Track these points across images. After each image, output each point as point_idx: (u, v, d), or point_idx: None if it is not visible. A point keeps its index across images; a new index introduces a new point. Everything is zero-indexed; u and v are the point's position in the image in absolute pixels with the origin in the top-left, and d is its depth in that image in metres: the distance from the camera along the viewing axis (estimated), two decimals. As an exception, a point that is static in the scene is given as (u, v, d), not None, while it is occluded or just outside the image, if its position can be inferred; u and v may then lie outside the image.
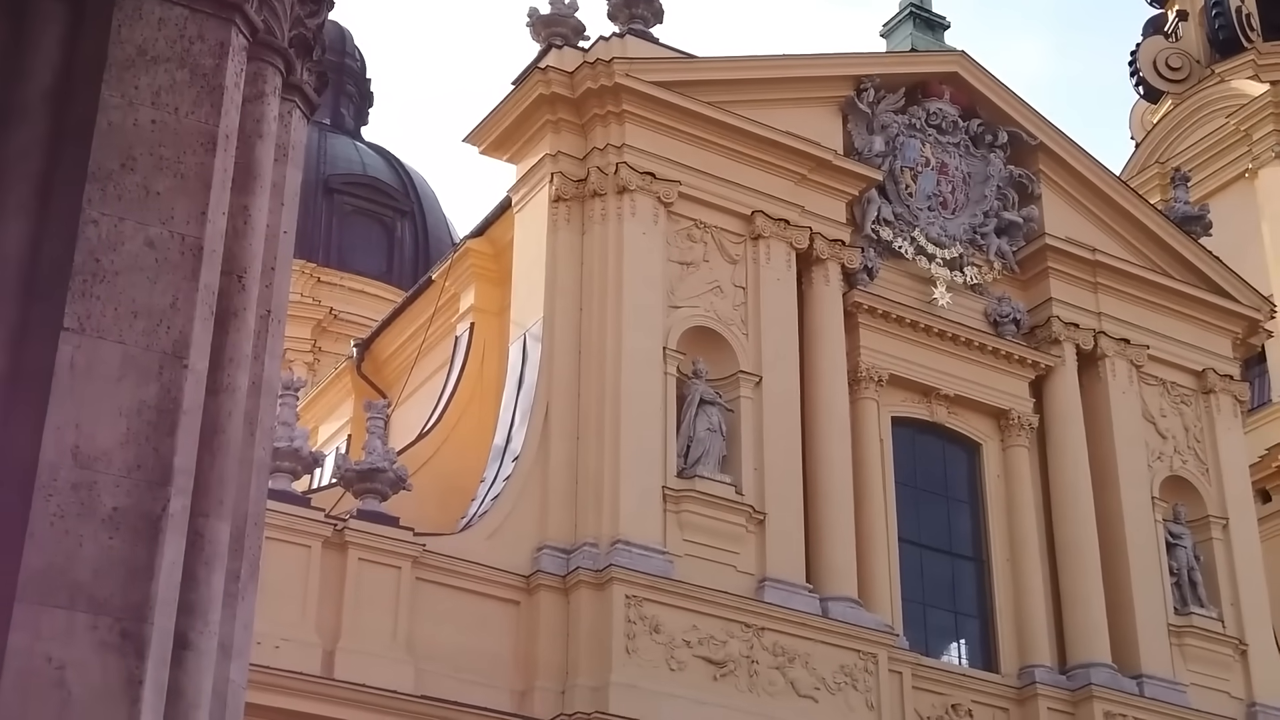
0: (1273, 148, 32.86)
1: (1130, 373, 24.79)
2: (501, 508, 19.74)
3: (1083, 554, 23.11)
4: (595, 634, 18.96)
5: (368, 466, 19.02)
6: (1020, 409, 23.83)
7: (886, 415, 22.95)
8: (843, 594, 20.79)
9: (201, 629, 5.24)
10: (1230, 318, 26.01)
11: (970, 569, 23.19)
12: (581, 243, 21.42)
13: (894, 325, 23.22)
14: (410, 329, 24.69)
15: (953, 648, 22.92)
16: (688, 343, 21.28)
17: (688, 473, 20.48)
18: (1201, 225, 26.76)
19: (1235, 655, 23.73)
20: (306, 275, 37.05)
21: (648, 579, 19.30)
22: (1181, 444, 24.90)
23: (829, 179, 23.03)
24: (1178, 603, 23.64)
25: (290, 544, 17.90)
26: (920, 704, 21.22)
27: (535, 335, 20.98)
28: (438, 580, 18.94)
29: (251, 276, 5.57)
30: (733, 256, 22.08)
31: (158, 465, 5.09)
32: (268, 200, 5.75)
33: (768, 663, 19.82)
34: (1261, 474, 29.16)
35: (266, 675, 16.63)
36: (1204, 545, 24.37)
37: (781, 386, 21.55)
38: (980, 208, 24.64)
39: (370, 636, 18.16)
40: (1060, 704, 22.01)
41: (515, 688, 18.81)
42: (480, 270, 23.15)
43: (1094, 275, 24.88)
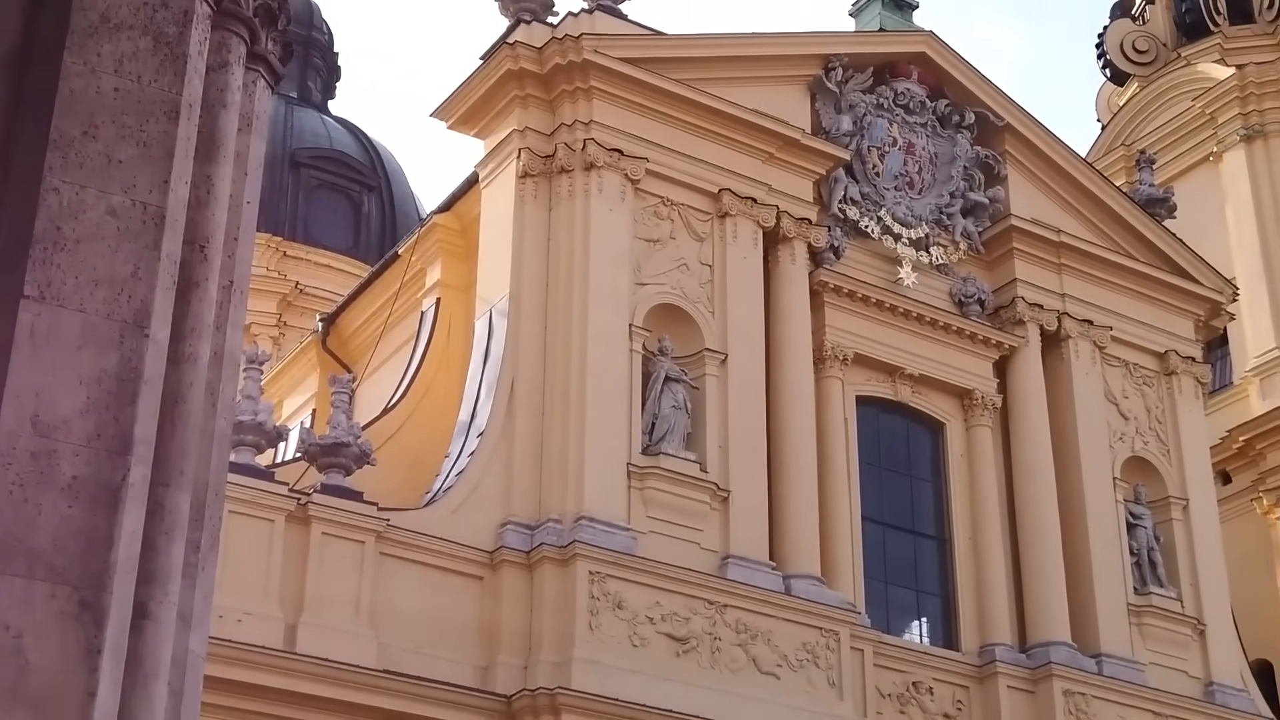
0: (1237, 131, 33.04)
1: (1093, 354, 24.93)
2: (466, 483, 19.73)
3: (1044, 534, 23.26)
4: (559, 610, 18.99)
5: (332, 441, 18.98)
6: (984, 389, 23.94)
7: (851, 394, 23.03)
8: (805, 571, 20.87)
9: (161, 599, 5.23)
10: (1193, 300, 26.18)
11: (932, 548, 23.31)
12: (548, 219, 21.38)
13: (859, 304, 23.28)
14: (376, 304, 24.63)
15: (914, 626, 23.04)
16: (654, 320, 21.29)
17: (652, 450, 20.51)
18: (1166, 208, 26.90)
19: (1193, 635, 23.93)
20: (272, 249, 36.90)
21: (611, 555, 19.33)
22: (1143, 425, 25.06)
23: (796, 158, 23.05)
24: (1137, 582, 23.82)
25: (254, 518, 17.88)
26: (881, 681, 21.34)
27: (501, 311, 20.95)
28: (401, 555, 18.93)
29: (214, 247, 5.55)
30: (699, 234, 22.08)
31: (118, 434, 5.07)
32: (231, 170, 5.72)
33: (730, 639, 19.89)
34: (1222, 455, 29.37)
35: (229, 649, 16.62)
36: (1164, 526, 24.56)
37: (747, 364, 21.59)
38: (946, 188, 24.71)
39: (333, 611, 18.14)
40: (1020, 682, 22.17)
41: (478, 663, 18.83)
42: (447, 245, 23.09)
43: (1058, 256, 24.99)
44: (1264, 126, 32.80)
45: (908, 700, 21.55)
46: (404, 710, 17.92)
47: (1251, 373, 31.12)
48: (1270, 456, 29.96)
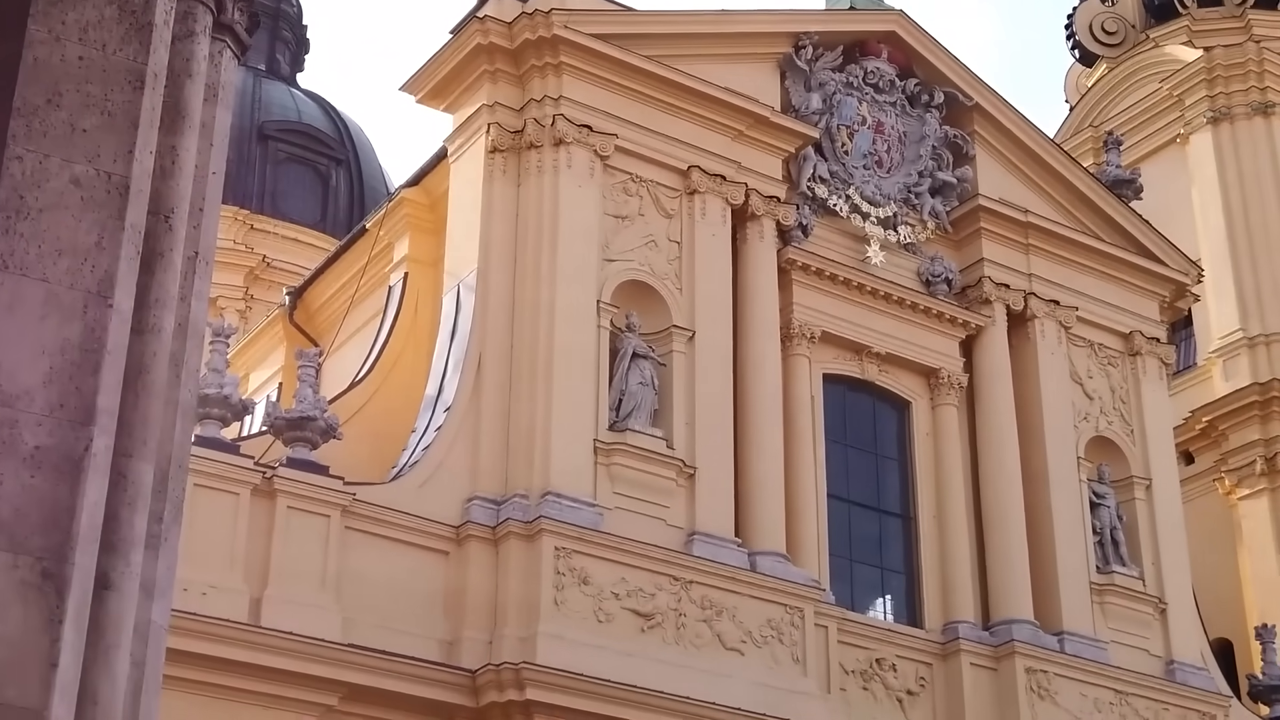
0: (1204, 114, 33.20)
1: (1059, 334, 25.04)
2: (432, 458, 19.72)
3: (1008, 512, 23.38)
4: (524, 585, 19.01)
5: (298, 415, 18.93)
6: (950, 368, 24.03)
7: (818, 372, 23.08)
8: (771, 549, 20.94)
9: (123, 569, 5.22)
10: (1158, 281, 26.31)
11: (897, 525, 23.42)
12: (517, 194, 21.35)
13: (827, 283, 23.32)
14: (343, 278, 24.56)
15: (878, 603, 23.15)
16: (622, 296, 21.29)
17: (619, 426, 20.53)
18: (1133, 189, 27.01)
19: (1155, 614, 24.11)
20: (240, 222, 36.77)
21: (577, 531, 19.36)
22: (1108, 405, 25.20)
23: (766, 135, 23.05)
24: (1100, 561, 23.98)
25: (219, 491, 17.83)
26: (845, 658, 21.44)
27: (469, 286, 20.92)
28: (367, 529, 18.91)
29: (179, 217, 5.53)
30: (668, 211, 22.08)
31: (81, 405, 5.06)
32: (196, 140, 5.70)
33: (695, 615, 19.94)
34: (1185, 436, 29.61)
35: (193, 622, 16.60)
36: (1127, 505, 24.71)
37: (714, 342, 21.62)
38: (915, 167, 24.76)
39: (298, 585, 18.12)
40: (983, 659, 22.30)
41: (443, 637, 18.84)
42: (415, 220, 23.04)
43: (1025, 237, 25.08)
44: (1231, 109, 32.98)
45: (871, 677, 21.66)
46: (368, 684, 17.92)
47: (1215, 354, 31.34)
48: (1233, 437, 30.22)
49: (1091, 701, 22.62)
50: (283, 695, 17.46)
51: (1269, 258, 31.43)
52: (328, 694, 17.74)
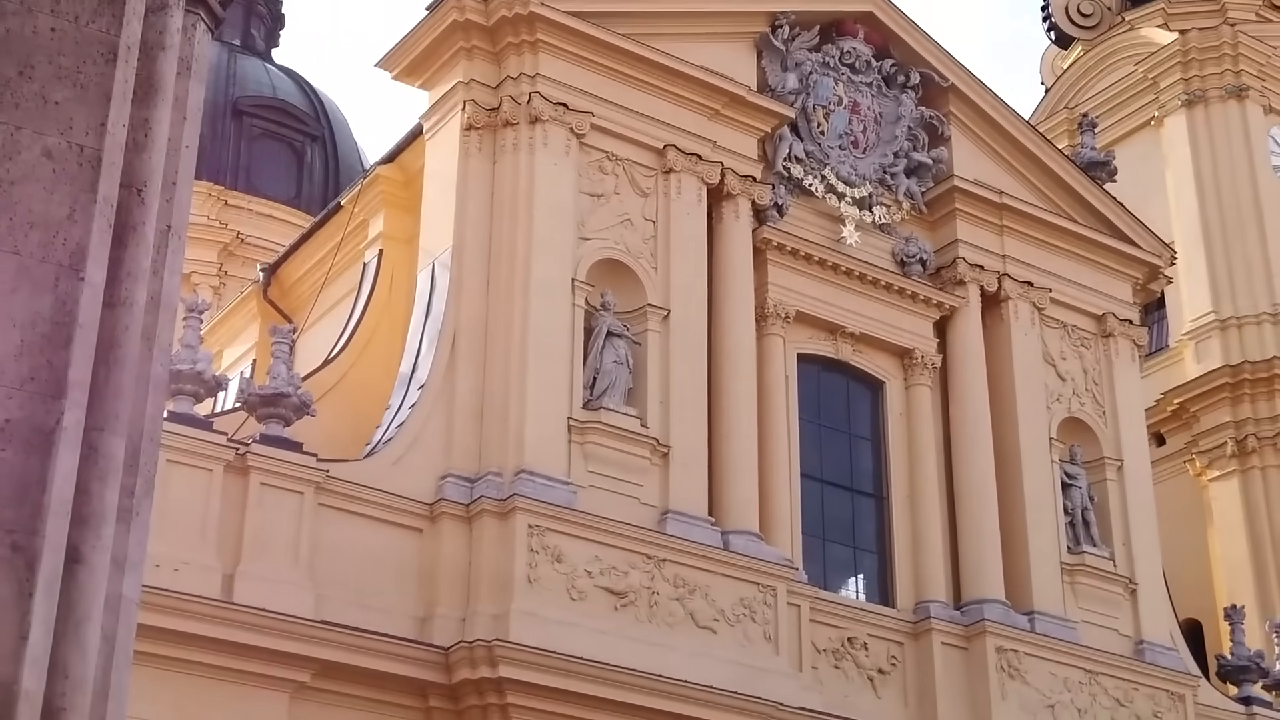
0: (1179, 97, 33.30)
1: (1032, 315, 25.13)
2: (406, 435, 19.71)
3: (980, 493, 23.48)
4: (497, 562, 19.02)
5: (272, 391, 18.89)
6: (924, 348, 24.10)
7: (792, 352, 23.12)
8: (744, 528, 20.99)
9: (94, 543, 5.22)
10: (1131, 263, 26.41)
11: (870, 505, 23.49)
12: (492, 172, 21.31)
13: (802, 263, 23.35)
14: (318, 254, 24.49)
15: (851, 582, 23.23)
16: (596, 275, 21.28)
17: (593, 404, 20.54)
18: (1107, 171, 27.09)
19: (1125, 594, 24.25)
20: (213, 198, 36.64)
21: (551, 509, 19.37)
22: (1080, 386, 25.31)
23: (742, 115, 23.05)
24: (1071, 542, 24.10)
25: (191, 467, 17.79)
26: (817, 636, 21.52)
27: (444, 263, 20.89)
28: (340, 506, 18.90)
29: (151, 190, 5.51)
30: (643, 190, 22.07)
31: (52, 378, 5.05)
32: (169, 114, 5.68)
33: (668, 594, 19.98)
34: (1157, 418, 29.77)
35: (165, 598, 16.57)
36: (1098, 486, 24.83)
37: (689, 321, 21.63)
38: (891, 148, 24.78)
39: (271, 561, 18.10)
40: (954, 639, 22.41)
41: (416, 614, 18.85)
42: (390, 197, 22.98)
43: (1000, 218, 25.14)
44: (1205, 92, 33.09)
45: (843, 655, 21.75)
46: (341, 661, 17.91)
47: (1187, 336, 31.50)
48: (1204, 419, 30.40)
49: (1061, 681, 22.76)
50: (255, 671, 17.44)
51: (1241, 241, 31.58)
52: (300, 670, 17.73)
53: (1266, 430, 29.70)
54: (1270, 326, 30.71)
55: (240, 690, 17.35)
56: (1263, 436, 29.67)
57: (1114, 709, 23.12)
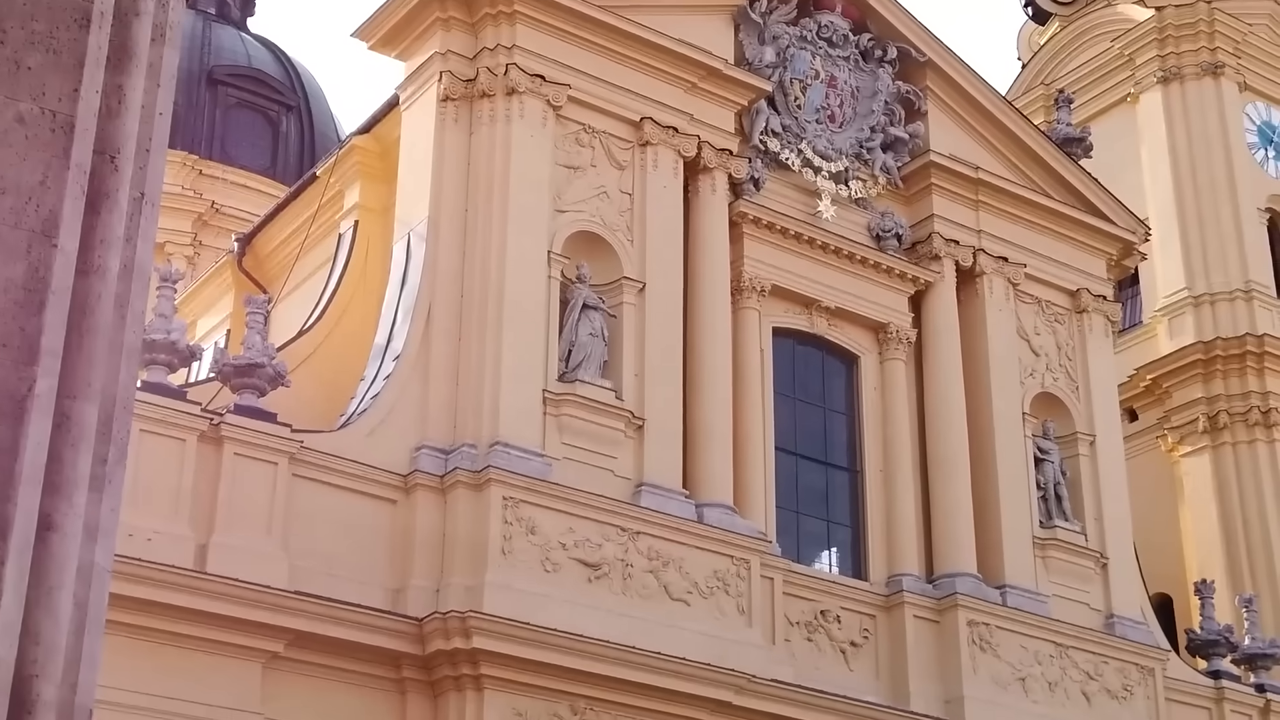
0: (1155, 73, 33.36)
1: (1007, 290, 25.20)
2: (381, 406, 19.69)
3: (953, 467, 23.58)
4: (471, 534, 19.04)
5: (246, 361, 18.85)
6: (899, 323, 24.16)
7: (768, 325, 23.16)
8: (718, 500, 21.04)
9: (66, 511, 5.20)
10: (1106, 239, 26.50)
11: (844, 479, 23.57)
12: (469, 143, 21.26)
13: (778, 236, 23.37)
14: (293, 225, 24.42)
15: (824, 555, 23.32)
16: (573, 247, 21.27)
17: (568, 377, 20.55)
18: (1082, 147, 27.14)
19: (1096, 568, 24.39)
20: (188, 167, 36.47)
21: (525, 481, 19.39)
22: (1053, 361, 25.41)
23: (719, 88, 23.02)
24: (1043, 516, 24.22)
25: (165, 437, 17.75)
26: (790, 609, 21.61)
27: (420, 234, 20.85)
28: (314, 477, 18.89)
29: (125, 157, 5.48)
30: (620, 162, 22.05)
31: (24, 345, 5.02)
32: (143, 81, 5.64)
33: (642, 566, 20.03)
34: (1129, 393, 29.91)
35: (138, 567, 16.56)
36: (1071, 461, 24.95)
37: (664, 294, 21.64)
38: (867, 122, 24.79)
39: (245, 532, 18.08)
40: (926, 611, 22.52)
41: (390, 585, 18.86)
42: (366, 168, 22.92)
43: (976, 193, 25.19)
44: (1181, 69, 33.15)
45: (815, 628, 21.85)
46: (314, 631, 17.92)
47: (1160, 312, 31.62)
48: (1176, 395, 30.55)
49: (1032, 654, 22.90)
50: (228, 641, 17.44)
51: (1215, 218, 31.69)
52: (273, 641, 17.74)
53: (1238, 406, 29.87)
54: (1243, 303, 30.85)
55: (213, 660, 17.35)
56: (1234, 413, 29.84)
57: (1084, 682, 23.28)
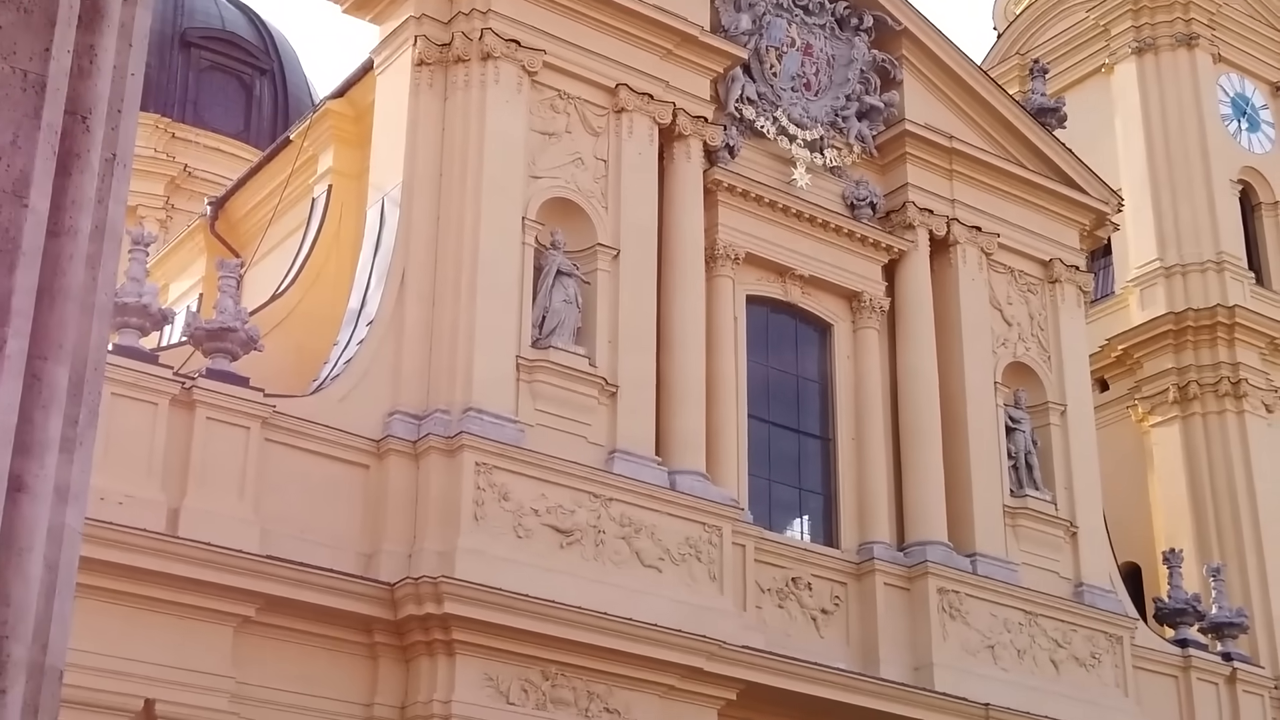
0: (1129, 44, 33.39)
1: (980, 260, 25.27)
2: (354, 372, 19.66)
3: (925, 436, 23.67)
4: (444, 500, 19.05)
5: (218, 325, 18.79)
6: (872, 291, 24.21)
7: (741, 293, 23.18)
8: (691, 468, 21.09)
9: (37, 472, 5.19)
10: (1079, 209, 26.58)
11: (816, 447, 23.64)
12: (443, 108, 21.19)
13: (752, 204, 23.38)
14: (266, 189, 24.32)
15: (796, 523, 23.41)
16: (547, 213, 21.23)
17: (542, 343, 20.54)
18: (1057, 117, 27.18)
19: (1066, 537, 24.54)
20: (160, 130, 36.25)
21: (498, 447, 19.39)
22: (1026, 331, 25.51)
23: (694, 55, 22.98)
24: (1014, 485, 24.35)
25: (137, 401, 17.70)
26: (761, 576, 21.69)
27: (394, 200, 20.79)
28: (287, 442, 18.86)
29: (96, 118, 5.45)
30: (595, 129, 22.00)
31: (-6, 305, 5.01)
32: (115, 41, 5.61)
33: (614, 533, 20.08)
34: (1101, 363, 30.03)
35: (110, 530, 16.53)
36: (1042, 430, 25.08)
37: (639, 261, 21.64)
38: (843, 91, 24.79)
39: (216, 496, 18.06)
40: (896, 579, 22.64)
41: (362, 550, 18.87)
42: (340, 132, 22.82)
43: (950, 162, 25.23)
44: (1155, 40, 33.18)
45: (786, 595, 21.95)
46: (286, 596, 17.92)
47: (1132, 283, 31.73)
48: (1147, 365, 30.68)
49: (1001, 622, 23.05)
50: (199, 606, 17.43)
51: (1188, 189, 31.79)
52: (245, 605, 17.74)
53: (1208, 377, 30.02)
54: (1214, 274, 30.98)
55: (184, 624, 17.34)
56: (1204, 383, 29.99)
57: (1052, 650, 23.45)
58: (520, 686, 18.71)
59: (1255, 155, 33.24)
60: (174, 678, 17.05)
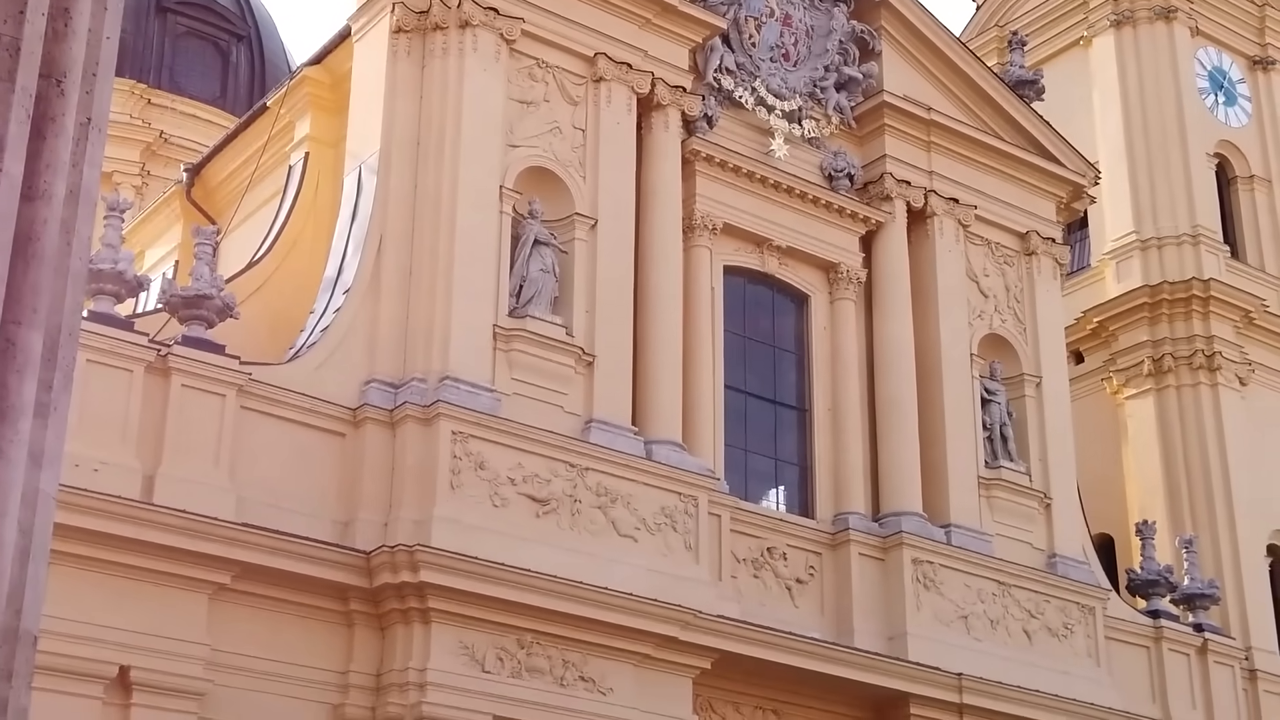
0: (1108, 17, 33.39)
1: (957, 231, 25.32)
2: (330, 340, 19.63)
3: (901, 407, 23.74)
4: (420, 468, 19.04)
5: (194, 293, 18.72)
6: (849, 263, 24.24)
7: (719, 264, 23.19)
8: (667, 437, 21.12)
9: (11, 437, 5.18)
10: (1056, 182, 26.63)
11: (792, 418, 23.70)
12: (421, 76, 21.11)
13: (730, 175, 23.37)
14: (243, 156, 24.22)
15: (771, 493, 23.47)
16: (525, 182, 21.19)
17: (519, 312, 20.52)
18: (1035, 90, 27.21)
19: (1040, 509, 24.66)
20: (136, 96, 36.06)
21: (475, 416, 19.39)
22: (1002, 303, 25.58)
23: (673, 24, 22.92)
24: (988, 457, 24.45)
25: (112, 368, 17.64)
26: (737, 546, 21.76)
27: (371, 168, 20.72)
28: (263, 410, 18.83)
29: (71, 81, 5.43)
30: (573, 98, 21.95)
31: (-32, 270, 4.99)
32: (90, 4, 5.58)
33: (590, 502, 20.10)
34: (1076, 335, 30.11)
35: (84, 497, 16.49)
36: (1017, 402, 25.17)
37: (616, 230, 21.62)
38: (821, 61, 24.77)
39: (192, 463, 18.02)
40: (871, 550, 22.73)
41: (338, 518, 18.87)
42: (317, 99, 22.73)
43: (928, 134, 25.24)
44: (1134, 13, 33.18)
45: (762, 565, 22.02)
46: (262, 564, 17.91)
47: (1108, 255, 31.81)
48: (1122, 338, 30.79)
49: (975, 592, 23.17)
50: (175, 573, 17.40)
51: (1165, 162, 31.85)
52: (220, 572, 17.72)
53: (1183, 350, 30.14)
54: (1190, 247, 31.08)
55: (159, 591, 17.32)
56: (1179, 356, 30.11)
57: (1025, 620, 23.59)
58: (495, 655, 18.75)
59: (1232, 129, 33.32)
60: (149, 645, 17.04)
